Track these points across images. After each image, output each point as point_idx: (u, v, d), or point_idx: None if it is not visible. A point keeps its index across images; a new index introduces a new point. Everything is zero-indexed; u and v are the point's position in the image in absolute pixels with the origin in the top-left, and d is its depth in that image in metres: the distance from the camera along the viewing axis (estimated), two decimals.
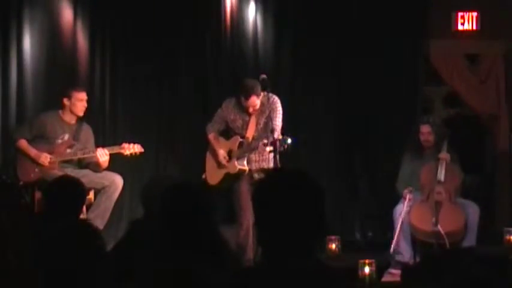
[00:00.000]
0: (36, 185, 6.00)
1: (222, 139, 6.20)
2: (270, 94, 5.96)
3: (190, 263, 2.89)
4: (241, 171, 5.99)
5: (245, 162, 5.99)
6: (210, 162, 6.22)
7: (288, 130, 6.22)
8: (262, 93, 5.92)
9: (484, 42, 7.71)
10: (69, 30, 6.86)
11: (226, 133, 6.22)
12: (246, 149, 5.97)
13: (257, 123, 6.03)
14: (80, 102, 6.19)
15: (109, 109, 6.99)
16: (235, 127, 6.11)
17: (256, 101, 5.93)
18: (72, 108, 6.20)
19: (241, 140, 6.03)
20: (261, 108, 5.98)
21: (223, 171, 6.08)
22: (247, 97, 5.90)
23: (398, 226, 6.05)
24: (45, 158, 6.06)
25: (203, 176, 6.21)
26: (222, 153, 6.07)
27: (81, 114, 6.23)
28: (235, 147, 6.05)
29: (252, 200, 2.21)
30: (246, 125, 6.06)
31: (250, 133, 6.03)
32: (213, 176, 6.15)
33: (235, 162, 5.99)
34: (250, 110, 5.97)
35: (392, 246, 6.02)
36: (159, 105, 7.13)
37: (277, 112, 5.94)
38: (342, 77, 7.38)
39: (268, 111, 5.89)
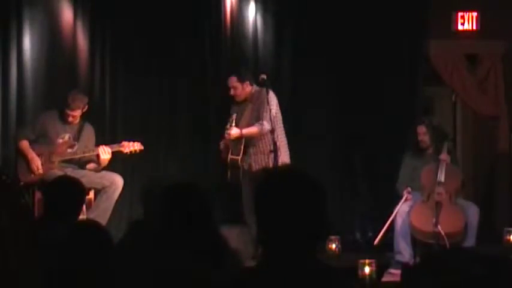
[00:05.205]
0: (36, 185, 6.01)
1: None
2: (269, 90, 6.04)
3: (190, 263, 2.89)
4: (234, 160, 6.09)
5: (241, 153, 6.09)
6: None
7: (288, 130, 6.24)
8: (255, 86, 6.10)
9: (484, 42, 7.71)
10: (69, 30, 6.86)
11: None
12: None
13: (251, 113, 6.14)
14: (73, 114, 6.18)
15: (109, 109, 6.99)
16: (236, 118, 6.17)
17: (234, 83, 6.13)
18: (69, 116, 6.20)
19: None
20: (253, 99, 6.11)
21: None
22: (229, 76, 6.13)
23: (389, 221, 6.07)
24: (33, 166, 6.03)
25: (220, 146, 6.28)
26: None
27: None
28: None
29: (253, 199, 2.20)
30: (241, 114, 6.13)
31: (244, 123, 6.13)
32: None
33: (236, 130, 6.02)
34: (231, 92, 6.13)
35: (377, 239, 6.05)
36: (159, 105, 7.13)
37: (271, 104, 5.97)
38: (342, 76, 7.37)
39: (260, 101, 6.02)
